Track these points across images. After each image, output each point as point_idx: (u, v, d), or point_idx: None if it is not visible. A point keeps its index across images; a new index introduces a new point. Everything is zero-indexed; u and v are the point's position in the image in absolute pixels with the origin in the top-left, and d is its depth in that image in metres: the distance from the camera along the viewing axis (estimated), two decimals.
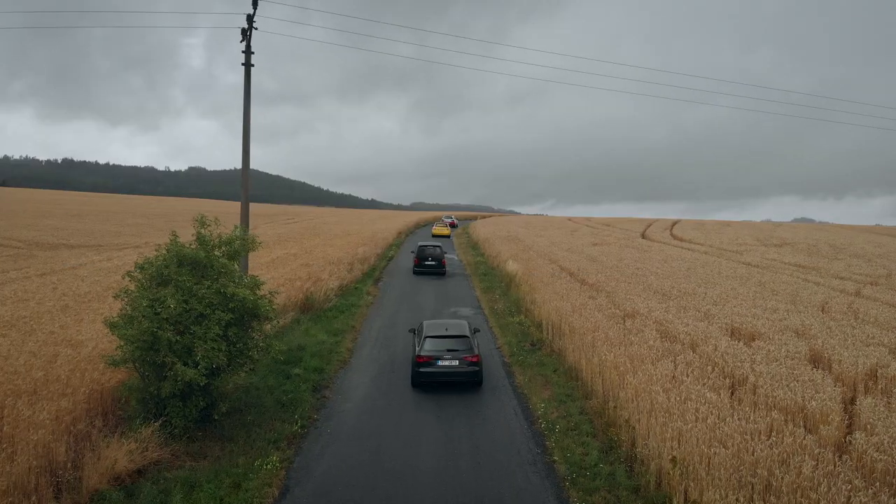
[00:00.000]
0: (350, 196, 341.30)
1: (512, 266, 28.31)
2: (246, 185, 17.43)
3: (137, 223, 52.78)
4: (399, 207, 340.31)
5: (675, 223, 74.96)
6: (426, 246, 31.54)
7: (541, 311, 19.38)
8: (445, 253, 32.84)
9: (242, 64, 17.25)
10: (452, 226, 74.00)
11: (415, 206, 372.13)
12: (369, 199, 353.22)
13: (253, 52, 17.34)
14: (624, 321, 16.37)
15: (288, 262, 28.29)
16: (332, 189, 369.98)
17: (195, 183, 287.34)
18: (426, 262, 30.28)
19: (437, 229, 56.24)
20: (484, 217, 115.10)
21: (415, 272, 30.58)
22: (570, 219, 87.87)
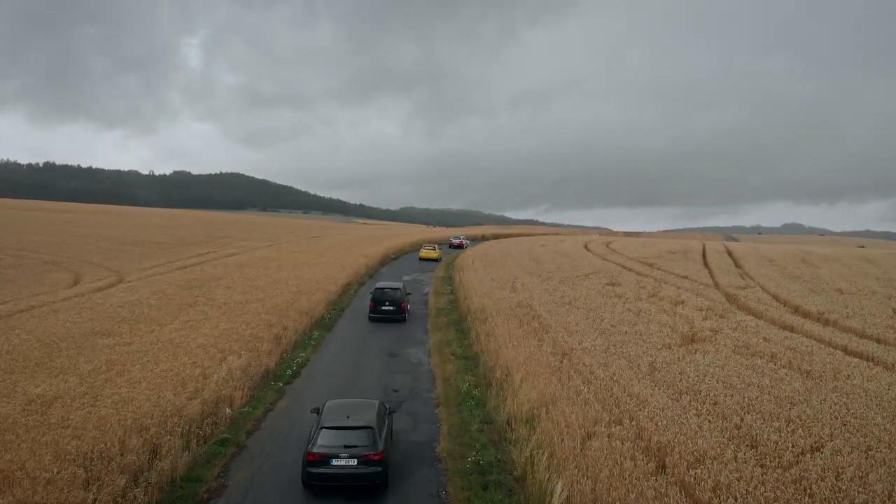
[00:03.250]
0: (338, 201, 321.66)
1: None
2: None
3: None
4: (388, 212, 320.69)
5: (729, 252, 55.11)
6: (384, 289, 28.95)
7: None
8: (409, 347, 23.97)
9: None
10: (460, 246, 67.36)
11: (404, 210, 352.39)
12: (358, 204, 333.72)
13: None
14: None
15: None
16: (322, 194, 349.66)
17: (179, 188, 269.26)
18: (383, 308, 27.92)
19: (424, 252, 55.79)
20: (478, 237, 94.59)
21: (370, 319, 28.05)
22: (586, 246, 65.69)
